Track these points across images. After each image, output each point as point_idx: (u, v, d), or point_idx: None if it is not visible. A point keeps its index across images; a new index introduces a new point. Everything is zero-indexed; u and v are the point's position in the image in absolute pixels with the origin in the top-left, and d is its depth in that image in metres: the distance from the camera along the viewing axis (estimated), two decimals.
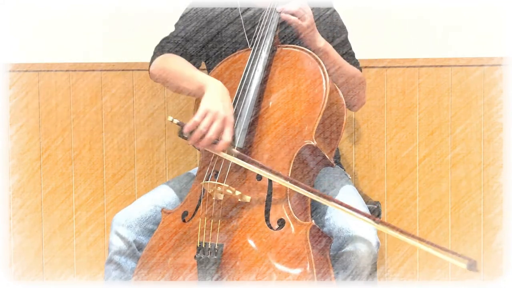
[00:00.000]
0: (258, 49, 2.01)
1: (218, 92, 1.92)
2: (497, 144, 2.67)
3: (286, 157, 1.90)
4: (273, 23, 2.03)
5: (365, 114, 2.72)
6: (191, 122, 1.84)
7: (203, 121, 1.84)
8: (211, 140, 1.84)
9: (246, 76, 1.97)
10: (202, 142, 1.84)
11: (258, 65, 1.98)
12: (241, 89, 1.96)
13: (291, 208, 1.86)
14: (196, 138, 1.84)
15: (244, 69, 1.99)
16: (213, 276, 1.81)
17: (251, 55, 2.00)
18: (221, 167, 1.91)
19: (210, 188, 1.87)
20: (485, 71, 2.66)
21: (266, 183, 1.89)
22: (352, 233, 1.89)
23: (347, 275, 1.88)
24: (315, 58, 1.98)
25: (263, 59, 1.99)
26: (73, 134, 2.80)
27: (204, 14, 2.25)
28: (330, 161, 1.97)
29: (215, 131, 1.84)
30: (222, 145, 1.84)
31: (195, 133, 1.84)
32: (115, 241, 2.03)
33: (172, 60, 2.14)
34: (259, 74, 1.97)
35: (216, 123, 1.84)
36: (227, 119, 1.86)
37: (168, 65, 2.12)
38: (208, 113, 1.85)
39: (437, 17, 2.67)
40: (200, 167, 2.03)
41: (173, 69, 2.09)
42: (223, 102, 1.89)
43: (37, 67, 2.80)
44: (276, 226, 1.84)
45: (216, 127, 1.84)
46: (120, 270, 2.04)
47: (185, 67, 2.08)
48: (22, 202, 2.83)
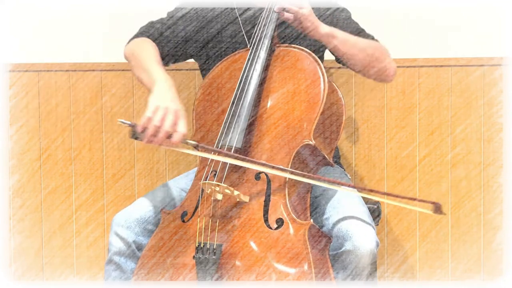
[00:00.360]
0: (256, 49, 2.01)
1: (166, 88, 1.92)
2: (497, 144, 2.67)
3: (285, 156, 1.91)
4: (271, 23, 2.03)
5: (365, 114, 2.72)
6: (144, 119, 1.83)
7: (155, 116, 1.83)
8: (167, 134, 1.83)
9: (244, 76, 1.98)
10: (158, 137, 1.83)
11: (256, 65, 1.98)
12: (239, 89, 1.96)
13: (290, 208, 1.86)
14: (151, 134, 1.83)
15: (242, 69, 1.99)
16: (213, 276, 1.81)
17: (249, 55, 2.01)
18: (220, 167, 1.91)
19: (209, 188, 1.87)
20: (485, 71, 2.66)
21: (265, 183, 1.89)
22: (351, 233, 1.88)
23: (347, 275, 1.88)
24: (314, 58, 1.98)
25: (262, 59, 1.99)
26: (73, 134, 2.80)
27: (204, 14, 2.25)
28: (329, 160, 1.97)
29: (169, 124, 1.83)
30: (178, 137, 1.83)
31: (149, 129, 1.83)
32: (114, 242, 2.03)
33: (142, 47, 2.14)
34: (257, 74, 1.97)
35: (169, 115, 1.84)
36: (179, 112, 1.86)
37: (136, 51, 2.12)
38: (159, 108, 1.84)
39: (437, 17, 2.67)
40: (199, 168, 2.04)
41: (138, 57, 2.09)
42: (172, 97, 1.89)
43: (37, 67, 2.80)
44: (275, 226, 1.85)
45: (170, 120, 1.84)
46: (120, 271, 2.04)
47: (149, 58, 2.07)
48: (22, 202, 2.83)
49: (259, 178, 1.90)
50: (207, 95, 2.08)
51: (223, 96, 2.03)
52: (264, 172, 1.90)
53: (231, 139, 1.91)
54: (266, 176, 1.90)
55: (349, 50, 2.07)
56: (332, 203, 2.00)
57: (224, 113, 1.97)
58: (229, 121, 1.93)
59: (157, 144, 1.85)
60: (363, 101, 2.71)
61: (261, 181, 1.90)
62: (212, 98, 2.06)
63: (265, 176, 1.90)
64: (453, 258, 2.71)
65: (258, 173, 1.91)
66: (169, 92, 1.92)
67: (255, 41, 2.03)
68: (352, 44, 2.07)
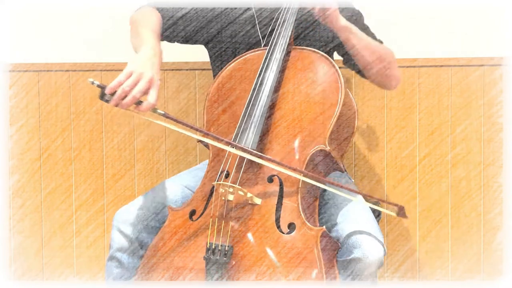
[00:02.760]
0: (273, 50, 1.98)
1: (148, 54, 1.87)
2: (497, 144, 2.67)
3: (299, 160, 1.88)
4: (289, 24, 2.01)
5: (365, 114, 2.71)
6: (115, 81, 1.77)
7: (127, 80, 1.77)
8: (135, 99, 1.76)
9: (261, 77, 1.95)
10: (126, 101, 1.76)
11: (273, 66, 1.95)
12: (255, 90, 1.93)
13: (301, 212, 1.83)
14: (120, 97, 1.76)
15: (258, 69, 1.96)
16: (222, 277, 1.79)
17: (266, 56, 1.98)
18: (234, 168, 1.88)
19: (222, 189, 1.84)
20: (485, 71, 2.66)
21: (278, 186, 1.86)
22: (360, 241, 1.86)
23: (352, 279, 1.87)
24: (330, 62, 1.96)
25: (278, 60, 1.96)
26: (73, 134, 2.80)
27: (204, 14, 2.25)
28: (340, 166, 1.96)
29: (139, 90, 1.76)
30: (147, 106, 1.77)
31: (118, 92, 1.76)
32: (117, 238, 2.00)
33: (144, 15, 2.10)
34: (273, 76, 1.94)
35: (142, 82, 1.78)
36: (153, 80, 1.80)
37: (138, 18, 2.09)
38: (133, 72, 1.79)
39: (437, 17, 2.67)
40: (209, 167, 1.99)
41: (137, 23, 2.06)
42: (152, 64, 1.83)
43: (37, 67, 2.80)
44: (287, 231, 1.82)
45: (141, 86, 1.77)
46: (122, 267, 2.01)
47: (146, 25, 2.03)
48: (22, 202, 2.83)
49: (271, 180, 1.88)
50: (221, 95, 2.03)
51: (238, 96, 1.99)
52: (277, 175, 1.87)
53: (246, 140, 1.88)
54: (279, 179, 1.87)
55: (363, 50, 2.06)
56: (341, 209, 1.98)
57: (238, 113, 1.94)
58: (245, 122, 1.90)
59: (124, 108, 1.78)
60: (363, 101, 2.71)
61: (274, 184, 1.87)
62: (226, 97, 2.02)
63: (278, 179, 1.87)
64: (453, 258, 2.71)
65: (271, 176, 1.88)
66: (151, 59, 1.85)
67: (272, 41, 2.00)
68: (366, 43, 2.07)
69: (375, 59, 2.09)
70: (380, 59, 2.10)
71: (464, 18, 2.66)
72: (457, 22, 2.67)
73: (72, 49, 2.79)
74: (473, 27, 2.66)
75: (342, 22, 2.02)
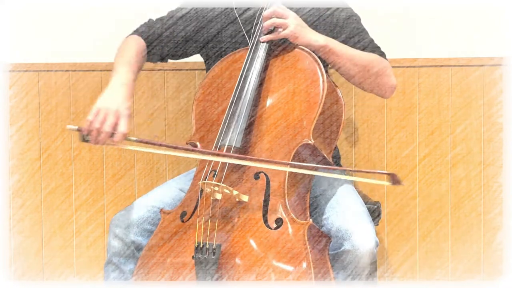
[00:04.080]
0: (255, 48, 2.01)
1: (113, 89, 1.96)
2: (497, 144, 2.67)
3: (285, 156, 1.91)
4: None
5: (365, 114, 2.72)
6: (86, 123, 1.89)
7: (96, 119, 1.89)
8: (107, 135, 1.88)
9: (244, 75, 1.98)
10: (100, 138, 1.88)
11: (256, 64, 1.99)
12: (239, 88, 1.96)
13: (289, 207, 1.86)
14: (94, 136, 1.88)
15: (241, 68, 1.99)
16: (212, 276, 1.81)
17: (249, 54, 2.01)
18: (219, 167, 1.91)
19: (208, 188, 1.87)
20: (485, 71, 2.66)
21: (264, 182, 1.89)
22: (350, 232, 1.88)
23: (347, 275, 1.88)
24: (313, 57, 1.98)
25: (261, 58, 1.99)
26: (73, 134, 2.80)
27: (204, 14, 2.25)
28: (329, 160, 1.97)
29: (109, 125, 1.88)
30: (119, 136, 1.88)
31: (92, 132, 1.89)
32: (113, 243, 2.04)
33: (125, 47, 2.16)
34: (256, 74, 1.97)
35: (109, 117, 1.88)
36: (119, 112, 1.90)
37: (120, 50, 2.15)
38: (100, 110, 1.90)
39: (437, 17, 2.67)
40: (198, 168, 2.03)
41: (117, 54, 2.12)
42: (116, 98, 1.93)
43: (37, 67, 2.80)
44: (274, 226, 1.85)
45: (110, 121, 1.88)
46: (119, 271, 2.04)
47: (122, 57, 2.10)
48: (22, 202, 2.83)
49: (258, 177, 1.90)
50: (207, 95, 2.07)
51: (223, 96, 2.03)
52: (263, 172, 1.90)
53: (230, 139, 1.91)
54: (265, 175, 1.90)
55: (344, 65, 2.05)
56: (331, 203, 2.00)
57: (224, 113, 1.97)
58: (228, 121, 1.93)
59: (101, 144, 1.90)
60: (363, 101, 2.71)
61: (261, 180, 1.90)
62: (212, 98, 2.06)
63: (265, 176, 1.90)
64: (453, 258, 2.72)
65: (257, 173, 1.91)
66: (117, 91, 1.96)
67: (254, 40, 2.03)
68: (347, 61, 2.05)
69: (361, 71, 2.07)
70: (366, 70, 2.08)
71: (464, 18, 2.66)
72: (457, 22, 2.67)
73: (72, 49, 2.79)
74: (473, 27, 2.66)
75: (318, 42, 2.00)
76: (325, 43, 2.02)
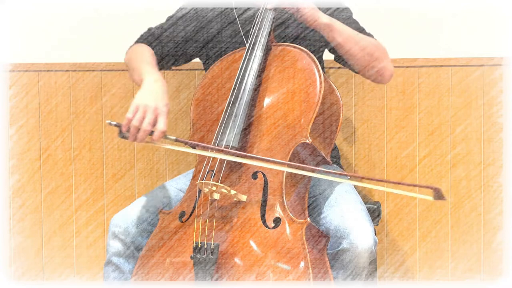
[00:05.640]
0: (253, 48, 2.01)
1: (150, 86, 1.95)
2: (497, 144, 2.67)
3: (283, 156, 1.91)
4: (267, 21, 2.03)
5: (365, 114, 2.71)
6: (125, 120, 1.89)
7: (135, 116, 1.88)
8: (146, 132, 1.88)
9: (241, 75, 1.98)
10: (139, 136, 1.88)
11: (253, 64, 1.99)
12: (236, 88, 1.96)
13: (287, 207, 1.86)
14: (134, 134, 1.88)
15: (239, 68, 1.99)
16: (212, 276, 1.81)
17: (246, 54, 2.01)
18: (217, 167, 1.92)
19: (206, 188, 1.87)
20: (485, 71, 2.66)
21: (262, 182, 1.89)
22: (348, 231, 1.88)
23: (346, 275, 1.88)
24: (311, 57, 1.98)
25: (258, 58, 1.99)
26: (73, 134, 2.80)
27: (204, 14, 2.25)
28: (327, 159, 1.97)
29: (148, 123, 1.87)
30: (158, 135, 1.88)
31: (130, 129, 1.89)
32: (113, 243, 2.04)
33: (137, 52, 2.16)
34: (254, 74, 1.98)
35: (148, 115, 1.88)
36: (158, 109, 1.89)
37: (132, 56, 2.15)
38: (139, 107, 1.89)
39: (437, 17, 2.66)
40: (197, 168, 2.03)
41: (133, 61, 2.12)
42: (154, 94, 1.93)
43: (37, 67, 2.80)
44: (273, 225, 1.85)
45: (149, 118, 1.88)
46: (118, 272, 2.05)
47: (141, 60, 2.10)
48: (22, 202, 2.83)
49: (256, 177, 1.91)
50: (206, 95, 2.08)
51: (222, 96, 2.03)
52: (261, 171, 1.90)
53: (228, 138, 1.91)
54: (263, 175, 1.90)
55: (349, 46, 2.05)
56: (330, 202, 2.00)
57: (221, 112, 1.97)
58: (226, 121, 1.94)
59: (141, 142, 1.90)
60: (363, 101, 2.71)
61: (259, 180, 1.90)
62: (210, 98, 2.06)
63: (262, 175, 1.90)
64: (453, 258, 2.71)
65: (255, 172, 1.91)
66: (154, 88, 1.95)
67: (251, 40, 2.03)
68: (352, 39, 2.06)
69: (363, 52, 2.08)
70: (368, 52, 2.09)
71: (464, 18, 2.66)
72: (457, 22, 2.67)
73: (72, 49, 2.79)
74: (474, 27, 2.66)
75: (323, 20, 2.01)
76: (331, 22, 2.02)
